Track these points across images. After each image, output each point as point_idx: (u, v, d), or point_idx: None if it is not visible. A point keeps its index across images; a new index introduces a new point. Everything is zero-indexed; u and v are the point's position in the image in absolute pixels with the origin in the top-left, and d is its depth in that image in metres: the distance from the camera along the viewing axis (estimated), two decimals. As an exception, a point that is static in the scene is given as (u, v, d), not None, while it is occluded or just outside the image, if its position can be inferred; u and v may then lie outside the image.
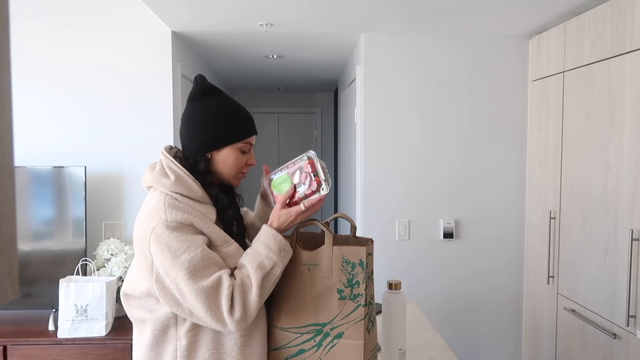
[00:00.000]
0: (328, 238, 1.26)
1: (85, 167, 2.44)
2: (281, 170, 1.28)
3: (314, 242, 1.36)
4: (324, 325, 1.26)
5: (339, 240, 1.33)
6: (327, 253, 1.25)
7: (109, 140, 2.65)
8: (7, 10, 0.39)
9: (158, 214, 1.17)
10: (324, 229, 1.27)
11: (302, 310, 1.27)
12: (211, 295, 1.13)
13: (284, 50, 3.29)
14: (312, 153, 1.25)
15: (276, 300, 1.30)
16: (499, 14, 2.42)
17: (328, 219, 1.43)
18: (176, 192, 1.20)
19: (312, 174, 1.22)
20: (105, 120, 2.65)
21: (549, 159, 2.57)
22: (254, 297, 1.15)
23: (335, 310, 1.25)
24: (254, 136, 1.31)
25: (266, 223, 1.26)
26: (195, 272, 1.13)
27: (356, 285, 1.25)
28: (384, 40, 2.77)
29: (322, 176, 1.22)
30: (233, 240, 1.24)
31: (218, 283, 1.14)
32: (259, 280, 1.16)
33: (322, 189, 1.21)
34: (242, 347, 1.23)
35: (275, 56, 3.47)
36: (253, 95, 5.77)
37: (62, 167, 2.43)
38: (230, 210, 1.29)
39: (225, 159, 1.27)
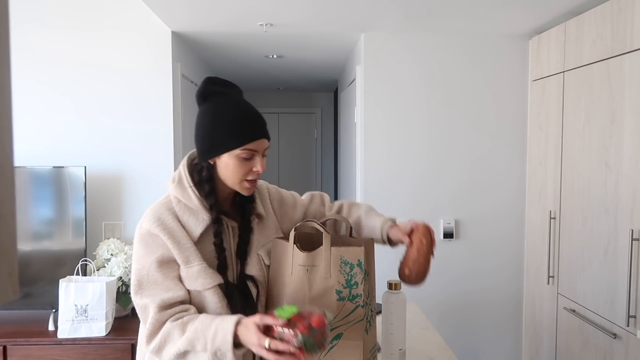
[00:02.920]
0: (326, 239, 1.25)
1: (85, 167, 2.44)
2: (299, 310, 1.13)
3: (312, 243, 1.36)
4: None
5: (337, 241, 1.33)
6: (325, 254, 1.25)
7: (109, 140, 2.65)
8: (7, 11, 0.39)
9: (144, 215, 1.25)
10: (322, 230, 1.27)
11: None
12: (142, 314, 1.21)
13: (284, 50, 3.29)
14: (329, 315, 1.13)
15: (275, 302, 1.30)
16: (498, 13, 2.42)
17: (323, 219, 1.42)
18: (175, 196, 1.24)
19: (305, 320, 1.06)
20: (105, 120, 2.65)
21: (549, 159, 2.57)
22: (169, 353, 1.14)
23: (334, 311, 1.25)
24: (262, 141, 1.20)
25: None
26: (140, 284, 1.19)
27: (355, 286, 1.24)
28: (383, 40, 2.77)
29: (305, 337, 1.04)
30: (198, 262, 1.19)
31: (146, 310, 1.19)
32: (181, 350, 1.12)
33: (294, 342, 1.04)
34: None
35: (275, 56, 3.47)
36: (253, 95, 5.77)
37: (62, 167, 2.43)
38: (219, 226, 1.23)
39: (226, 167, 1.20)
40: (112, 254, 2.44)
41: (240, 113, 1.20)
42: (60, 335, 2.22)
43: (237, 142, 1.17)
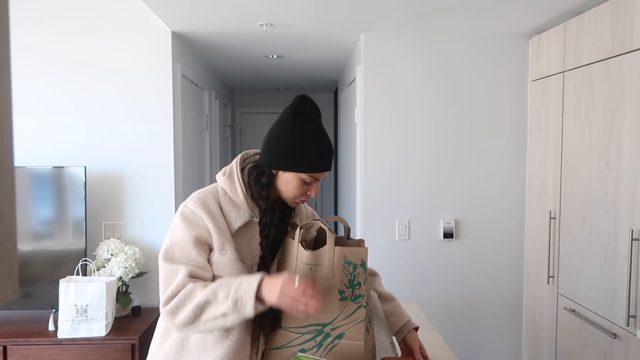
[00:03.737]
0: (330, 238, 1.26)
1: (85, 167, 2.44)
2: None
3: (316, 242, 1.37)
4: (324, 325, 1.26)
5: (339, 241, 1.34)
6: (329, 253, 1.26)
7: (109, 140, 2.65)
8: (7, 11, 0.39)
9: (190, 197, 1.30)
10: (327, 229, 1.28)
11: None
12: (168, 278, 1.21)
13: (284, 50, 3.29)
14: None
15: None
16: (499, 13, 2.42)
17: (325, 220, 1.43)
18: (222, 187, 1.30)
19: None
20: (105, 120, 2.65)
21: (549, 159, 2.57)
22: (187, 309, 1.16)
23: (337, 311, 1.25)
24: (325, 173, 1.30)
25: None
26: (172, 254, 1.24)
27: (357, 286, 1.25)
28: (384, 40, 2.77)
29: None
30: (232, 251, 1.25)
31: (175, 274, 1.21)
32: (201, 301, 1.15)
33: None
34: (203, 352, 1.26)
35: (275, 56, 3.47)
36: (253, 95, 5.77)
37: (62, 167, 2.43)
38: (271, 228, 1.30)
39: (287, 182, 1.28)
40: (112, 254, 2.44)
41: (321, 144, 1.27)
42: (60, 335, 2.22)
43: (309, 168, 1.26)
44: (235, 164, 1.31)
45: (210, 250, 1.25)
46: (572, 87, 2.34)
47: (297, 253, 1.28)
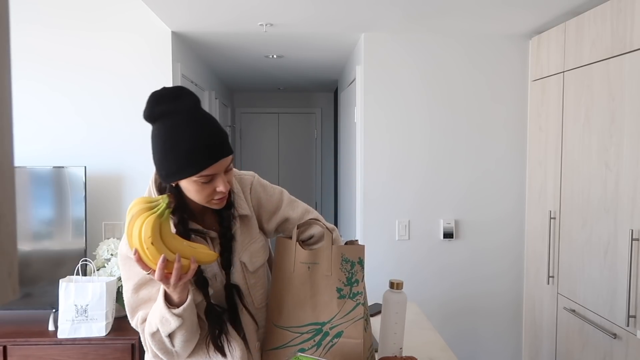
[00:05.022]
0: (327, 237, 1.26)
1: (85, 167, 2.44)
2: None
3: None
4: (323, 324, 1.26)
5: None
6: (327, 252, 1.26)
7: (109, 140, 2.65)
8: (7, 11, 0.39)
9: (122, 238, 1.24)
10: (323, 228, 1.28)
11: (302, 309, 1.27)
12: (140, 329, 1.23)
13: (284, 50, 3.30)
14: None
15: (276, 299, 1.30)
16: (499, 13, 2.43)
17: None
18: None
19: None
20: (105, 120, 2.65)
21: (549, 159, 2.57)
22: (157, 349, 1.18)
23: (335, 309, 1.25)
24: (219, 163, 1.10)
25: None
26: (129, 305, 1.22)
27: (355, 284, 1.25)
28: (384, 40, 2.77)
29: None
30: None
31: (137, 325, 1.22)
32: (149, 335, 1.17)
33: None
34: None
35: (275, 56, 3.47)
36: (253, 95, 5.77)
37: (62, 167, 2.43)
38: (208, 236, 1.22)
39: (187, 190, 1.14)
40: (112, 254, 2.44)
41: (192, 138, 1.07)
42: (60, 335, 2.22)
43: (191, 170, 1.09)
44: (151, 184, 1.20)
45: None
46: (572, 87, 2.34)
47: (295, 252, 1.27)
